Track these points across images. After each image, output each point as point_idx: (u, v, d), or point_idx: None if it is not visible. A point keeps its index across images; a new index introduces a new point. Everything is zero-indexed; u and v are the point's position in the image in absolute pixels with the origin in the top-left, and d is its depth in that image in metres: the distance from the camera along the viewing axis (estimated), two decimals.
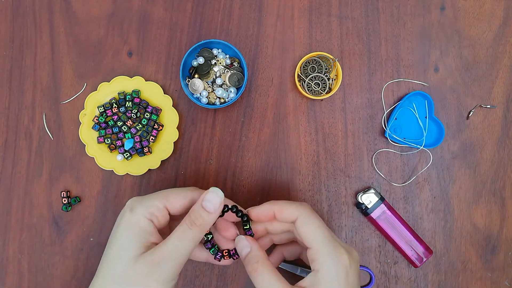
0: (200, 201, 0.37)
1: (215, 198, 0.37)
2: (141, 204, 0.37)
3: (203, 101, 0.52)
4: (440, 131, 0.53)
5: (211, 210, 0.37)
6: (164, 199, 0.38)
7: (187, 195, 0.39)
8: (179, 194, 0.38)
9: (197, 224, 0.36)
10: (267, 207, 0.40)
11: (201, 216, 0.37)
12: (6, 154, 0.53)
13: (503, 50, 0.55)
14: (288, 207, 0.39)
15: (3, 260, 0.52)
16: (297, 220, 0.38)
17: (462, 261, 0.53)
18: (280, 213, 0.39)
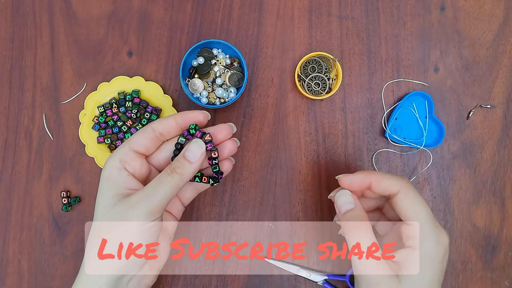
0: (183, 151, 0.37)
1: (197, 149, 0.37)
2: (110, 157, 0.38)
3: (203, 101, 0.52)
4: (440, 131, 0.53)
5: (192, 160, 0.37)
6: (127, 142, 0.38)
7: (147, 130, 0.38)
8: (141, 133, 0.38)
9: (177, 172, 0.36)
10: (363, 176, 0.38)
11: (182, 164, 0.37)
12: (6, 154, 0.53)
13: (503, 50, 0.55)
14: (388, 179, 0.37)
15: (3, 260, 0.52)
16: (399, 193, 0.37)
17: (462, 261, 0.53)
18: (378, 184, 0.38)
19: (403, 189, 0.37)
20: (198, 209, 0.52)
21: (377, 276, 0.36)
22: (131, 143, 0.38)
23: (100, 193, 0.37)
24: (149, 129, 0.38)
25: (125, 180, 0.37)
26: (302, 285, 0.51)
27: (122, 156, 0.37)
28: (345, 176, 0.39)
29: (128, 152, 0.38)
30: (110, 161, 0.37)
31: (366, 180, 0.38)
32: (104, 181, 0.37)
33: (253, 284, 0.51)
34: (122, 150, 0.38)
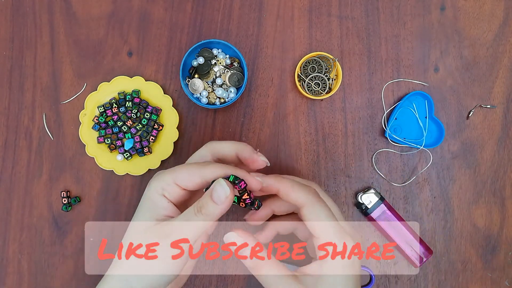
0: (210, 190, 0.37)
1: (221, 191, 0.36)
2: (155, 179, 0.38)
3: (203, 101, 0.52)
4: (440, 131, 0.53)
5: (217, 201, 0.36)
6: (173, 175, 0.37)
7: (195, 173, 0.37)
8: (188, 172, 0.37)
9: (202, 212, 0.36)
10: (272, 181, 0.38)
11: (208, 205, 0.36)
12: (6, 154, 0.53)
13: (503, 50, 0.55)
14: (296, 191, 0.37)
15: (3, 260, 0.52)
16: (305, 208, 0.37)
17: (462, 261, 0.53)
18: (285, 195, 0.38)
19: (309, 203, 0.37)
20: None
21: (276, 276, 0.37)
22: (176, 178, 0.37)
23: (140, 209, 0.38)
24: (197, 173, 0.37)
25: (163, 206, 0.37)
26: None
27: (164, 186, 0.37)
28: (255, 178, 0.38)
29: (170, 184, 0.37)
30: (154, 183, 0.38)
31: (274, 187, 0.38)
32: (146, 202, 0.38)
33: (253, 284, 0.51)
34: (166, 180, 0.38)
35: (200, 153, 0.41)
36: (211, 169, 0.37)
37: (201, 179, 0.37)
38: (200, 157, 0.41)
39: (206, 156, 0.41)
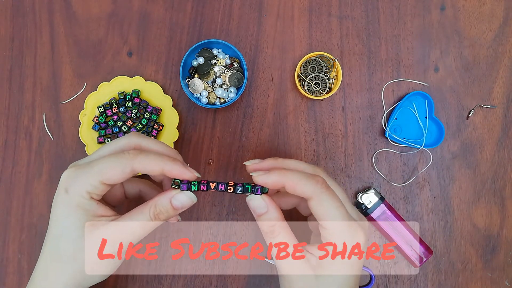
0: (169, 196, 0.36)
1: (187, 202, 0.36)
2: (75, 183, 0.35)
3: (203, 101, 0.52)
4: (440, 131, 0.53)
5: (178, 208, 0.36)
6: (99, 176, 0.34)
7: (125, 167, 0.34)
8: (117, 168, 0.34)
9: (161, 218, 0.35)
10: (276, 178, 0.36)
11: (167, 211, 0.36)
12: (6, 154, 0.53)
13: (503, 50, 0.55)
14: (302, 184, 0.35)
15: (3, 260, 0.52)
16: (312, 199, 0.35)
17: (462, 261, 0.53)
18: (292, 188, 0.36)
19: (316, 194, 0.35)
20: (198, 209, 0.52)
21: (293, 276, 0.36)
22: (103, 178, 0.34)
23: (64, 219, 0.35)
24: (128, 169, 0.34)
25: (95, 207, 0.35)
26: None
27: (90, 189, 0.35)
28: (259, 175, 0.36)
29: (98, 186, 0.35)
30: (75, 188, 0.35)
31: (279, 183, 0.36)
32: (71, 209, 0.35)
33: (253, 284, 0.51)
34: (91, 182, 0.34)
35: (120, 143, 0.37)
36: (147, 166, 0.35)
37: (132, 173, 0.35)
38: (120, 148, 0.37)
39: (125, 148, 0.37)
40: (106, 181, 0.35)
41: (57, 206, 0.36)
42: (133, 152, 0.35)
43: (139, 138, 0.38)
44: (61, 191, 0.35)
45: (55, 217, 0.36)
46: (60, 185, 0.35)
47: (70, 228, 0.35)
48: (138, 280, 0.51)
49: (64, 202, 0.35)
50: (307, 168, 0.38)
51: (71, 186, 0.35)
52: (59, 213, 0.35)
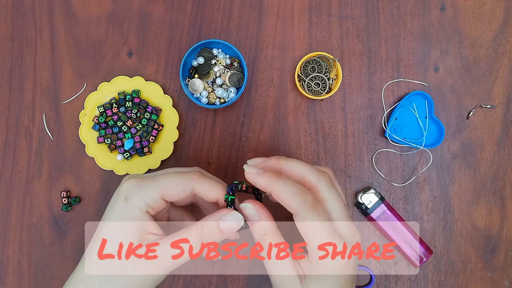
0: (216, 219, 0.35)
1: (234, 225, 0.36)
2: (137, 194, 0.35)
3: (203, 101, 0.52)
4: (440, 131, 0.53)
5: (225, 232, 0.35)
6: (161, 190, 0.35)
7: (187, 187, 0.35)
8: (179, 185, 0.35)
9: (205, 242, 0.36)
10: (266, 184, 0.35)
11: (213, 235, 0.35)
12: (6, 154, 0.53)
13: (503, 50, 0.55)
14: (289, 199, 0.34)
15: (3, 260, 0.52)
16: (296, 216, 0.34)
17: (462, 261, 0.53)
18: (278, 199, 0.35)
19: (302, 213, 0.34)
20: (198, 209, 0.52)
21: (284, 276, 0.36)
22: (165, 193, 0.35)
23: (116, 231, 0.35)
24: (189, 189, 0.35)
25: (147, 224, 0.35)
26: None
27: (149, 202, 0.35)
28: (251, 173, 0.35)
29: (158, 200, 0.35)
30: (135, 199, 0.35)
31: (268, 189, 0.35)
32: (126, 218, 0.35)
33: (253, 284, 0.51)
34: (152, 197, 0.35)
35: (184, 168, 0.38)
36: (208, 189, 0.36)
37: (191, 193, 0.36)
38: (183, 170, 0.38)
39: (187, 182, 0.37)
40: (167, 196, 0.35)
41: (114, 211, 0.35)
42: (197, 174, 0.36)
43: (201, 170, 0.39)
44: (120, 198, 0.35)
45: (109, 222, 0.36)
46: (120, 193, 0.35)
47: (122, 236, 0.35)
48: None
49: (121, 209, 0.35)
50: (311, 173, 0.36)
51: (132, 195, 0.35)
52: (116, 216, 0.35)
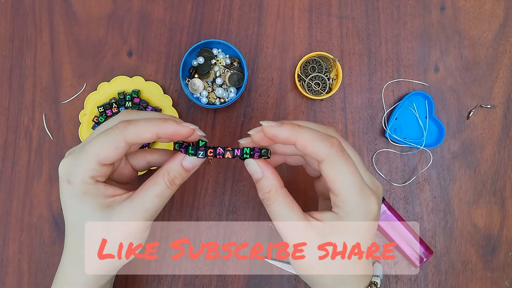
0: (179, 160, 0.35)
1: (197, 160, 0.35)
2: (74, 171, 0.33)
3: (203, 101, 0.52)
4: (440, 131, 0.53)
5: (190, 168, 0.35)
6: (95, 158, 0.33)
7: (118, 143, 0.33)
8: (109, 145, 0.33)
9: (176, 184, 0.35)
10: (288, 134, 0.33)
11: (181, 175, 0.35)
12: (6, 154, 0.53)
13: (503, 50, 0.55)
14: (315, 145, 0.32)
15: (3, 260, 0.52)
16: (325, 162, 0.32)
17: (462, 261, 0.53)
18: (303, 147, 0.33)
19: (330, 158, 0.32)
20: (198, 209, 0.52)
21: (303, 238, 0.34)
22: (100, 159, 0.33)
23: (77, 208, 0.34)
24: (121, 143, 0.33)
25: (103, 189, 0.34)
26: (302, 285, 0.51)
27: (93, 174, 0.33)
28: (270, 126, 0.33)
29: (97, 168, 0.33)
30: (77, 178, 0.33)
31: (291, 139, 0.33)
32: (79, 198, 0.34)
33: (253, 284, 0.51)
34: (91, 167, 0.33)
35: (111, 123, 0.36)
36: (140, 133, 0.33)
37: (127, 146, 0.33)
38: (110, 126, 0.35)
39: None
40: (103, 161, 0.33)
41: (64, 199, 0.35)
42: (121, 125, 0.33)
43: (129, 114, 0.36)
44: (63, 183, 0.34)
45: (67, 210, 0.35)
46: (61, 177, 0.34)
47: (85, 216, 0.34)
48: (138, 280, 0.51)
49: (70, 193, 0.34)
50: (319, 127, 0.36)
51: (72, 175, 0.34)
52: (69, 205, 0.35)
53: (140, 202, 0.34)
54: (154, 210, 0.34)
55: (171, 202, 0.52)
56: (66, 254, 0.38)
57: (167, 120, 0.34)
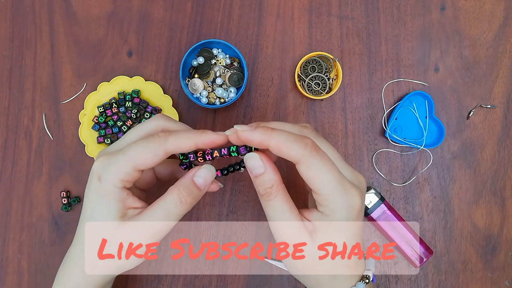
0: (191, 176, 0.34)
1: (208, 175, 0.34)
2: (108, 170, 0.34)
3: (203, 101, 0.52)
4: (440, 131, 0.53)
5: (202, 187, 0.34)
6: (132, 162, 0.33)
7: (158, 150, 0.33)
8: (149, 152, 0.33)
9: (187, 202, 0.34)
10: (261, 136, 0.33)
11: (192, 192, 0.34)
12: (6, 154, 0.53)
13: (503, 50, 0.55)
14: (288, 147, 0.32)
15: (3, 260, 0.52)
16: (301, 164, 0.32)
17: (462, 261, 0.53)
18: (277, 150, 0.33)
19: (304, 158, 0.32)
20: (198, 209, 0.52)
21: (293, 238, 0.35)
22: (137, 163, 0.33)
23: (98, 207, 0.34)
24: (161, 152, 0.33)
25: (126, 198, 0.34)
26: (302, 285, 0.51)
27: (123, 177, 0.34)
28: (243, 131, 0.33)
29: (131, 172, 0.34)
30: (107, 177, 0.34)
31: (264, 143, 0.33)
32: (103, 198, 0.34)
33: (253, 284, 0.51)
34: (125, 170, 0.33)
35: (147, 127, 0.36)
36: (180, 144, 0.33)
37: (165, 155, 0.34)
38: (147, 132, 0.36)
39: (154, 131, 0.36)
40: (139, 167, 0.34)
41: (90, 194, 0.35)
42: (163, 135, 0.34)
43: (165, 121, 0.37)
44: (94, 179, 0.34)
45: (88, 204, 0.35)
46: (93, 173, 0.35)
47: (103, 215, 0.34)
48: (138, 280, 0.51)
49: (97, 190, 0.34)
50: (293, 128, 0.36)
51: (105, 174, 0.34)
52: (92, 201, 0.35)
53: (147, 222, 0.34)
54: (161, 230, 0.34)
55: None
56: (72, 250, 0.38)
57: (205, 131, 0.34)
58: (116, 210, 0.34)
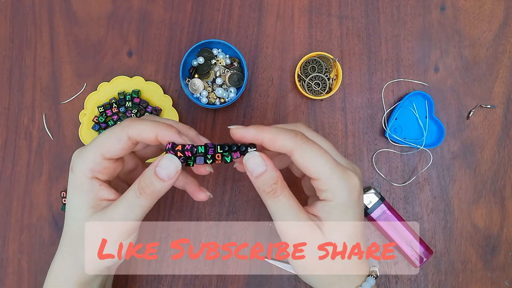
0: (153, 166, 0.33)
1: (170, 165, 0.32)
2: (79, 161, 0.34)
3: (203, 101, 0.52)
4: (440, 131, 0.53)
5: (164, 177, 0.32)
6: (98, 149, 0.33)
7: (121, 135, 0.33)
8: (113, 137, 0.33)
9: (146, 193, 0.33)
10: (254, 133, 0.34)
11: (153, 183, 0.32)
12: (6, 154, 0.53)
13: (503, 50, 0.55)
14: (281, 139, 0.33)
15: (3, 260, 0.52)
16: (294, 153, 0.33)
17: (462, 261, 0.53)
18: (271, 143, 0.33)
19: (297, 146, 0.33)
20: (198, 209, 0.52)
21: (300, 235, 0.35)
22: (103, 151, 0.33)
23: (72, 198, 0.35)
24: (124, 136, 0.33)
25: (99, 189, 0.34)
26: (302, 285, 0.51)
27: (92, 166, 0.33)
28: (237, 128, 0.34)
29: (100, 162, 0.34)
30: (78, 167, 0.34)
31: (258, 137, 0.34)
32: (76, 188, 0.34)
33: (253, 284, 0.51)
34: (92, 159, 0.33)
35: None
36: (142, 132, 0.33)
37: (131, 141, 0.33)
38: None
39: None
40: (106, 154, 0.33)
41: (68, 187, 0.36)
42: (127, 120, 0.34)
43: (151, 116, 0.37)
44: (70, 171, 0.35)
45: (68, 194, 0.36)
46: (70, 166, 0.35)
47: (76, 207, 0.35)
48: (138, 280, 0.51)
49: (71, 181, 0.35)
50: (285, 125, 0.37)
51: (76, 164, 0.34)
52: (68, 193, 0.35)
53: (113, 214, 0.33)
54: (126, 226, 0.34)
55: (171, 202, 0.52)
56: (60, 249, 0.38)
57: (170, 127, 0.33)
58: (86, 201, 0.34)
